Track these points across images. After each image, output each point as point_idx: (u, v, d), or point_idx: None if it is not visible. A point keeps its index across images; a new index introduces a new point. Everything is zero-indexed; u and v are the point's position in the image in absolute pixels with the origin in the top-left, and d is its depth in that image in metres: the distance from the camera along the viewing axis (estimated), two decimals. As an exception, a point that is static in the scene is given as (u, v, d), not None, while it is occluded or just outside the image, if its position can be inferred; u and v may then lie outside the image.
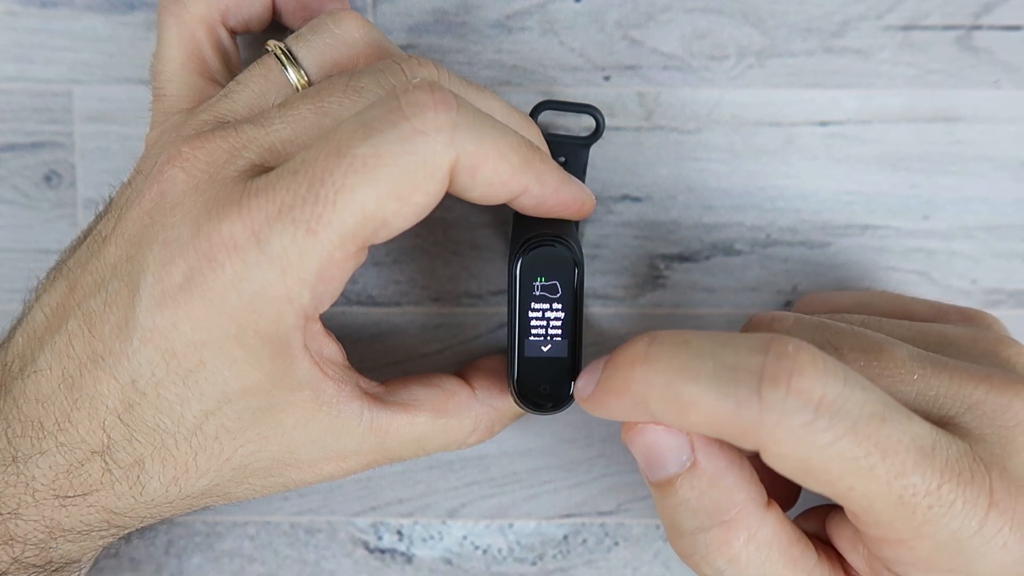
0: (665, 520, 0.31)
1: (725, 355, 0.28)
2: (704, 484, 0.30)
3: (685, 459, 0.30)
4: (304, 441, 0.31)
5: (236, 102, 0.32)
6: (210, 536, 0.40)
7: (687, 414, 0.28)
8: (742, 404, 0.27)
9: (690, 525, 0.30)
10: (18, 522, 0.31)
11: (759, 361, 0.27)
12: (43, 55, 0.38)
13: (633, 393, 0.29)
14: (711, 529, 0.30)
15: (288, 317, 0.29)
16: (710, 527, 0.30)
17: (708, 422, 0.28)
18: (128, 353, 0.29)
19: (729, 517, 0.30)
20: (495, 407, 0.35)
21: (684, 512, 0.30)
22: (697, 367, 0.28)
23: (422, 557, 0.40)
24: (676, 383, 0.28)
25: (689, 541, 0.30)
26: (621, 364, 0.29)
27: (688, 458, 0.30)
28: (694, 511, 0.30)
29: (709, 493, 0.30)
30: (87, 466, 0.30)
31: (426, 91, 0.28)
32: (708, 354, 0.28)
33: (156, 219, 0.30)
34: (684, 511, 0.30)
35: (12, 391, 0.31)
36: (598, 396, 0.30)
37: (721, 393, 0.27)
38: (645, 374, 0.29)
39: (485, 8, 0.37)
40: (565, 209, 0.32)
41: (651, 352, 0.29)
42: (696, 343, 0.28)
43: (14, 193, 0.38)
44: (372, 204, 0.28)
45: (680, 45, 0.37)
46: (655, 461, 0.30)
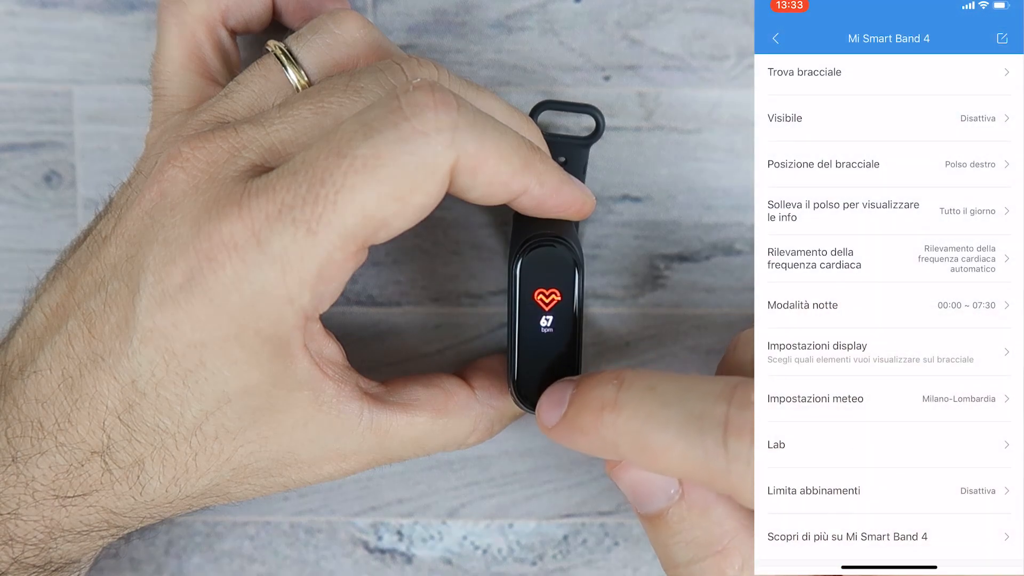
0: (658, 551, 0.31)
1: (691, 403, 0.29)
2: (695, 516, 0.30)
3: (673, 492, 0.30)
4: (304, 441, 0.31)
5: (236, 102, 0.32)
6: (210, 536, 0.40)
7: (657, 460, 0.29)
8: (710, 454, 0.28)
9: (684, 557, 0.30)
10: (18, 522, 0.31)
11: (723, 411, 0.28)
12: (43, 55, 0.38)
13: (602, 438, 0.30)
14: (706, 559, 0.30)
15: (288, 317, 0.29)
16: (704, 557, 0.30)
17: (679, 469, 0.29)
18: (128, 353, 0.29)
19: (722, 547, 0.30)
20: (495, 407, 0.35)
21: (677, 544, 0.30)
22: (664, 416, 0.29)
23: (422, 557, 0.40)
24: (644, 431, 0.29)
25: (685, 572, 0.30)
26: (589, 406, 0.30)
27: (676, 491, 0.30)
28: (687, 543, 0.30)
29: (700, 524, 0.30)
30: (87, 466, 0.30)
31: (427, 91, 0.28)
32: (675, 402, 0.29)
33: (156, 219, 0.30)
34: (677, 543, 0.30)
35: (12, 391, 0.31)
36: (563, 431, 0.31)
37: (689, 443, 0.28)
38: (614, 421, 0.29)
39: (485, 8, 0.37)
40: (565, 210, 0.32)
41: (620, 399, 0.30)
42: (662, 389, 0.29)
43: (14, 193, 0.38)
44: (372, 204, 0.28)
45: (680, 45, 0.37)
46: (643, 496, 0.31)
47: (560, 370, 0.33)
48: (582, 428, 0.30)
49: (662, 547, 0.31)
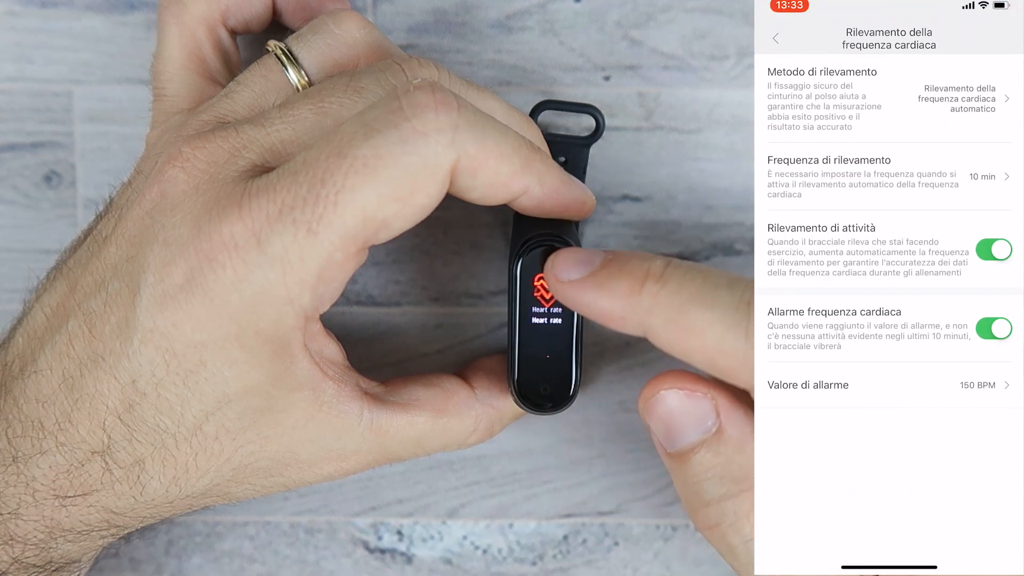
0: (685, 491, 0.31)
1: (742, 290, 0.28)
2: (731, 450, 0.30)
3: (710, 425, 0.30)
4: (304, 441, 0.31)
5: (236, 102, 0.32)
6: (210, 536, 0.40)
7: (687, 339, 0.28)
8: (751, 338, 0.28)
9: (716, 493, 0.30)
10: (18, 522, 0.31)
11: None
12: (43, 55, 0.38)
13: (635, 305, 0.29)
14: (739, 495, 0.30)
15: (288, 318, 0.29)
16: (738, 493, 0.30)
17: (708, 351, 0.28)
18: (128, 353, 0.29)
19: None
20: (495, 407, 0.35)
21: (709, 480, 0.30)
22: (712, 296, 0.28)
23: (422, 557, 0.40)
24: (687, 307, 0.28)
25: (715, 510, 0.30)
26: (631, 272, 0.29)
27: (713, 424, 0.30)
28: (720, 478, 0.30)
29: (736, 459, 0.30)
30: (87, 466, 0.30)
31: (427, 92, 0.28)
32: (725, 286, 0.29)
33: (157, 219, 0.30)
34: (709, 479, 0.30)
35: (12, 391, 0.31)
36: (586, 287, 0.30)
37: (733, 323, 0.28)
38: (657, 291, 0.29)
39: (485, 8, 0.37)
40: (565, 209, 0.32)
41: (668, 273, 0.29)
42: (714, 274, 0.29)
43: (14, 193, 0.38)
44: (373, 205, 0.28)
45: (680, 45, 0.37)
46: (676, 429, 0.30)
47: (561, 370, 0.33)
48: (614, 290, 0.29)
49: (692, 486, 0.30)
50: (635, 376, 0.39)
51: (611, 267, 0.30)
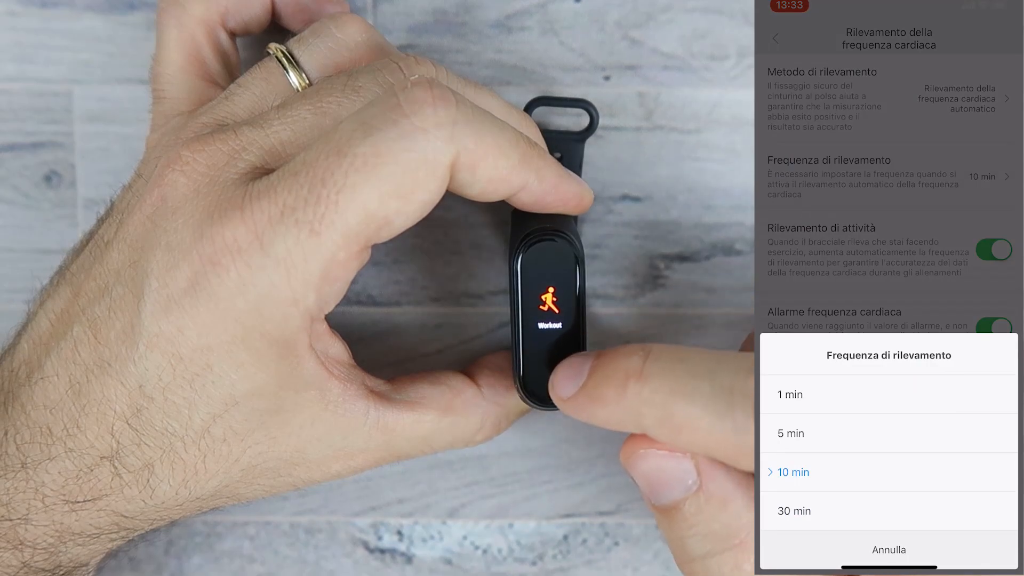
0: (672, 545, 0.31)
1: (721, 376, 0.28)
2: (713, 508, 0.30)
3: (691, 483, 0.30)
4: (311, 440, 0.31)
5: (236, 104, 0.32)
6: (210, 536, 0.40)
7: (682, 434, 0.28)
8: (738, 428, 0.28)
9: (700, 550, 0.30)
10: (28, 527, 0.31)
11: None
12: (43, 55, 0.38)
13: (625, 408, 0.29)
14: (723, 553, 0.30)
15: (294, 319, 0.29)
16: (722, 551, 0.30)
17: (704, 443, 0.28)
18: (134, 358, 0.29)
19: (740, 540, 0.30)
20: (501, 404, 0.35)
21: (693, 537, 0.30)
22: (693, 388, 0.28)
23: (422, 557, 0.40)
24: (671, 403, 0.28)
25: (700, 565, 0.30)
26: (613, 377, 0.30)
27: (694, 482, 0.30)
28: (704, 536, 0.30)
29: (719, 517, 0.30)
30: (96, 471, 0.30)
31: (425, 88, 0.28)
32: (704, 374, 0.28)
33: (158, 223, 0.30)
34: (693, 536, 0.30)
35: (20, 397, 0.31)
36: (581, 402, 0.30)
37: (717, 416, 0.28)
38: (640, 391, 0.29)
39: (485, 8, 0.37)
40: (564, 204, 0.32)
41: (647, 369, 0.29)
42: (692, 361, 0.29)
43: (14, 193, 0.38)
44: (374, 203, 0.28)
45: (680, 45, 0.37)
46: (659, 486, 0.30)
47: None
48: (603, 399, 0.30)
49: (677, 540, 0.30)
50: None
51: (596, 375, 0.30)
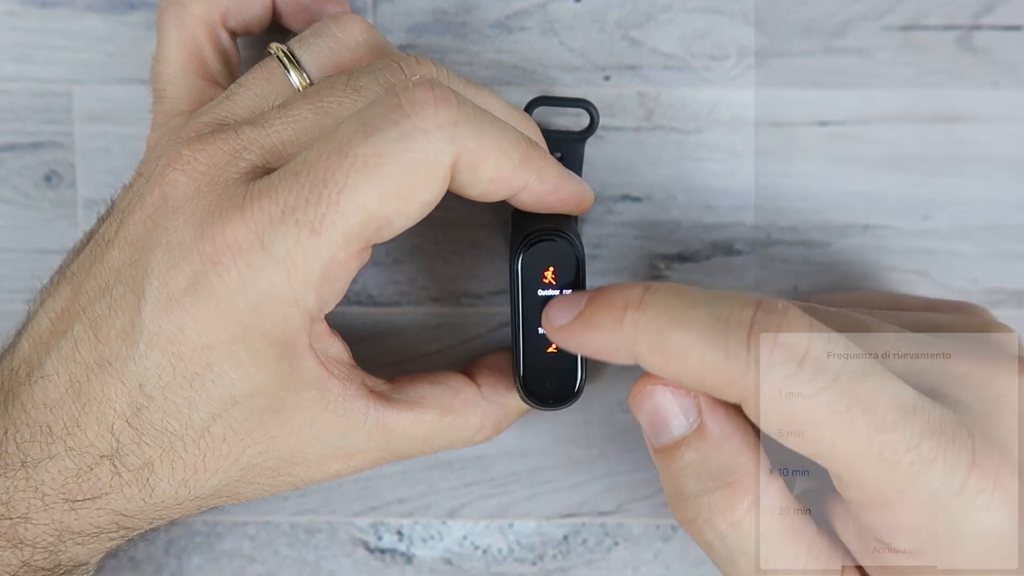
0: (668, 486, 0.31)
1: (718, 307, 0.28)
2: (710, 447, 0.30)
3: (691, 421, 0.30)
4: (311, 440, 0.31)
5: (237, 104, 0.32)
6: (210, 536, 0.40)
7: (673, 361, 0.29)
8: (731, 354, 0.28)
9: (694, 488, 0.30)
10: (28, 526, 0.31)
11: (749, 315, 0.28)
12: (43, 55, 0.38)
13: (620, 335, 0.29)
14: (716, 491, 0.30)
15: (294, 319, 0.29)
16: (715, 489, 0.30)
17: (693, 371, 0.28)
18: (134, 357, 0.29)
19: (734, 479, 0.30)
20: (501, 404, 0.35)
21: (688, 475, 0.30)
22: (690, 316, 0.29)
23: (422, 557, 0.40)
24: (668, 330, 0.29)
25: (692, 505, 0.30)
26: (612, 304, 0.30)
27: (694, 421, 0.30)
28: (699, 474, 0.30)
29: (715, 456, 0.30)
30: (96, 470, 0.30)
31: (426, 88, 0.28)
32: (702, 304, 0.29)
33: (159, 223, 0.30)
34: (688, 474, 0.30)
35: (20, 396, 0.31)
36: (576, 329, 0.30)
37: (711, 343, 0.28)
38: (637, 319, 0.29)
39: (485, 8, 0.37)
40: (564, 204, 0.32)
41: (646, 298, 0.29)
42: (691, 293, 0.29)
43: (14, 193, 0.38)
44: (375, 203, 0.28)
45: (680, 45, 0.37)
46: (661, 424, 0.30)
47: (566, 365, 0.33)
48: (599, 326, 0.30)
49: (672, 480, 0.31)
50: (635, 376, 0.38)
51: (594, 304, 0.30)
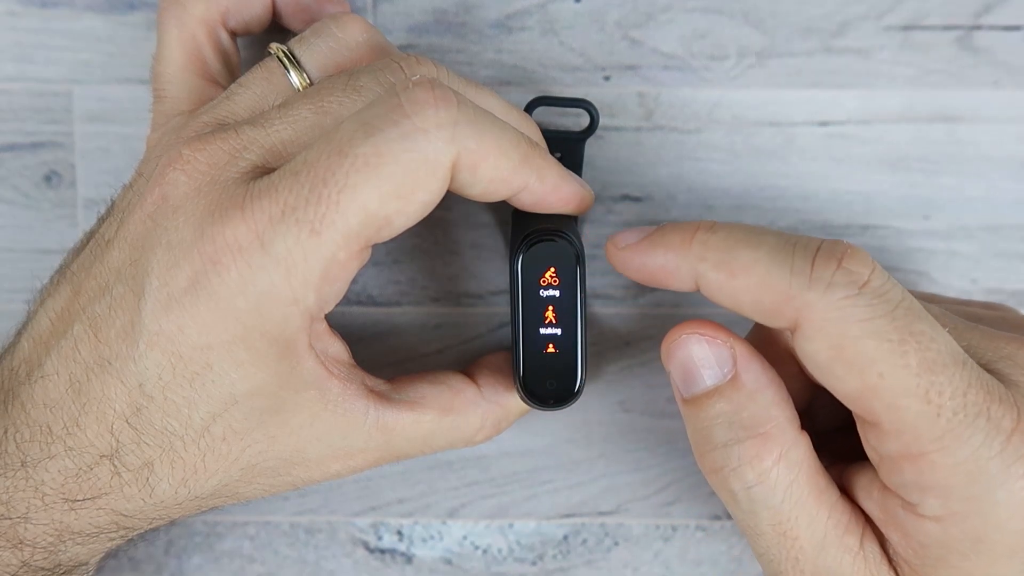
0: (695, 435, 0.31)
1: (786, 236, 0.29)
2: (743, 398, 0.30)
3: (726, 372, 0.30)
4: (311, 440, 0.31)
5: (237, 104, 0.32)
6: (210, 536, 0.40)
7: (737, 276, 0.29)
8: (795, 271, 0.28)
9: (724, 437, 0.30)
10: (27, 526, 0.31)
11: (817, 242, 0.29)
12: (43, 55, 0.38)
13: (687, 253, 0.30)
14: (745, 441, 0.30)
15: (294, 319, 0.29)
16: (745, 439, 0.30)
17: (755, 287, 0.29)
18: (135, 357, 0.29)
19: (764, 430, 0.30)
20: (502, 404, 0.35)
21: (719, 425, 0.30)
22: (759, 238, 0.29)
23: (422, 557, 0.40)
24: (737, 248, 0.29)
25: (721, 453, 0.30)
26: (684, 228, 0.30)
27: (729, 370, 0.30)
28: (729, 423, 0.30)
29: (747, 407, 0.30)
30: (96, 470, 0.30)
31: (426, 88, 0.28)
32: (771, 233, 0.30)
33: (159, 222, 0.30)
34: (719, 424, 0.30)
35: (20, 396, 0.31)
36: (644, 247, 0.31)
37: (778, 260, 0.29)
38: (707, 238, 0.30)
39: (485, 8, 0.37)
40: (565, 205, 0.32)
41: (718, 225, 0.30)
42: (759, 228, 0.30)
43: (14, 193, 0.38)
44: (375, 203, 0.28)
45: (680, 45, 0.37)
46: (693, 373, 0.31)
47: (566, 365, 0.33)
48: (668, 243, 0.30)
49: (701, 430, 0.31)
50: (635, 376, 0.39)
51: (666, 227, 0.31)
